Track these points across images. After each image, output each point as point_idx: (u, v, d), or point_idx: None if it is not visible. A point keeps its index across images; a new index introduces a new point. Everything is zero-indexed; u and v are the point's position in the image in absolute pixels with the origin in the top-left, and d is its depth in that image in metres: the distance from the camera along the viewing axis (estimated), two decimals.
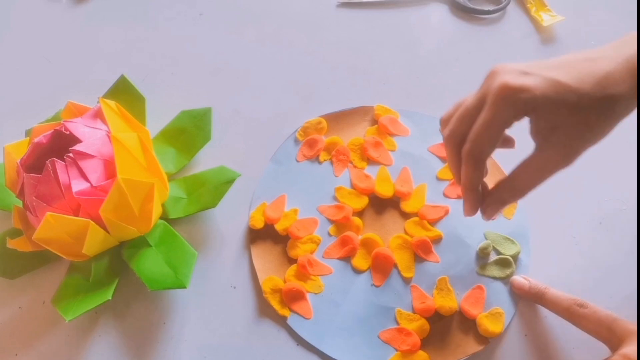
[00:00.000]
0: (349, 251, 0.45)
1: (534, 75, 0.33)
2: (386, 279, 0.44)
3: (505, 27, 0.58)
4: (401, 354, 0.41)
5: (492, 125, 0.34)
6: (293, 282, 0.44)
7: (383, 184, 0.47)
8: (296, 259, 0.45)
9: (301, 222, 0.46)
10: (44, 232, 0.39)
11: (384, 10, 0.60)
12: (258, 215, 0.47)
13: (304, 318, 0.43)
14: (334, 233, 0.46)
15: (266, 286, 0.44)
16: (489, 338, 0.41)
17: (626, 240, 0.45)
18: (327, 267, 0.45)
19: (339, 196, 0.47)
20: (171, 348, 0.42)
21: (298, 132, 0.51)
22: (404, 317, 0.42)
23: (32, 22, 0.61)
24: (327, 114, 0.52)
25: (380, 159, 0.49)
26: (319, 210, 0.47)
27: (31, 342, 0.43)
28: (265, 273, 0.44)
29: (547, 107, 0.32)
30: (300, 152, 0.50)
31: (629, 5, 0.58)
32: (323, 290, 0.44)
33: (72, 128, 0.42)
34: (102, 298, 0.40)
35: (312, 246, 0.45)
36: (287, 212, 0.47)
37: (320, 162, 0.49)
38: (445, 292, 0.43)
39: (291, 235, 0.46)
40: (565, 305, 0.39)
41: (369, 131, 0.51)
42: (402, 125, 0.51)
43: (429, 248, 0.45)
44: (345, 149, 0.49)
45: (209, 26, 0.59)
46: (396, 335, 0.42)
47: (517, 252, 0.44)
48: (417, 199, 0.47)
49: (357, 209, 0.47)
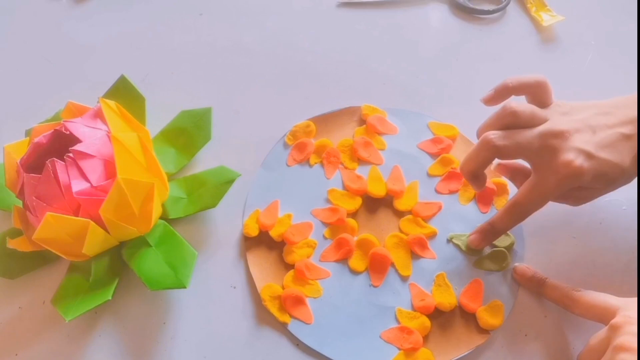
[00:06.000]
0: (345, 253, 0.45)
1: (595, 159, 0.38)
2: (384, 279, 0.44)
3: (505, 27, 0.58)
4: (404, 353, 0.41)
5: (552, 196, 0.39)
6: (292, 288, 0.44)
7: (375, 183, 0.47)
8: (293, 265, 0.45)
9: (296, 227, 0.46)
10: (44, 232, 0.39)
11: (384, 10, 0.60)
12: (252, 223, 0.46)
13: (305, 323, 0.43)
14: (330, 236, 0.46)
15: (265, 294, 0.43)
16: (490, 330, 0.41)
17: (626, 240, 0.45)
18: (325, 271, 0.45)
19: (332, 198, 0.47)
20: (171, 348, 0.42)
21: (287, 136, 0.51)
22: (404, 316, 0.42)
23: (32, 22, 0.60)
24: (314, 116, 0.51)
25: (370, 159, 0.49)
26: (313, 214, 0.47)
27: (31, 342, 0.43)
28: (263, 280, 0.44)
29: (597, 181, 0.39)
30: (290, 156, 0.50)
31: (629, 5, 0.58)
32: (322, 294, 0.44)
33: (72, 128, 0.42)
34: (102, 298, 0.40)
35: (308, 250, 0.45)
36: (281, 218, 0.46)
37: (311, 165, 0.49)
38: (443, 288, 0.43)
39: (287, 241, 0.45)
40: (564, 291, 0.40)
41: (358, 131, 0.51)
42: (390, 124, 0.51)
43: (424, 245, 0.45)
44: (335, 151, 0.49)
45: (209, 26, 0.59)
46: (398, 334, 0.42)
47: (511, 244, 0.44)
48: (409, 197, 0.47)
49: (351, 211, 0.47)
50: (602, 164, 0.38)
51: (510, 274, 0.44)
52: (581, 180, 0.38)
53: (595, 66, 0.55)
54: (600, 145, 0.38)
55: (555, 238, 0.45)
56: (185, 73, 0.56)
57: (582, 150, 0.38)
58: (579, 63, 0.55)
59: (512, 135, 0.39)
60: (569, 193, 0.41)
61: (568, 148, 0.38)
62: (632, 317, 0.35)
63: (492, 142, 0.39)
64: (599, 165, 0.38)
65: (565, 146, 0.38)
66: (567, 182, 0.38)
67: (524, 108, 0.40)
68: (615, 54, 0.55)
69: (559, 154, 0.38)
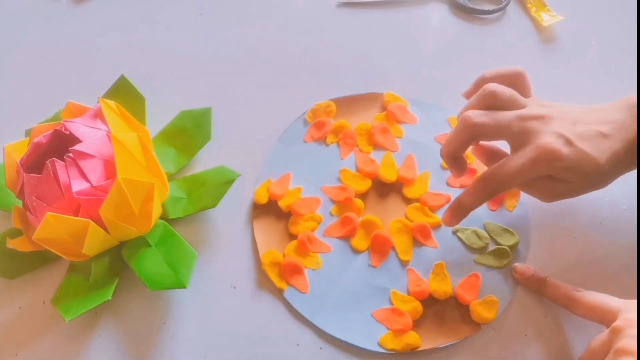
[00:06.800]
0: (349, 231, 0.46)
1: (573, 146, 0.37)
2: (384, 261, 0.45)
3: (505, 27, 0.58)
4: (393, 333, 0.42)
5: (523, 175, 0.38)
6: (292, 257, 0.45)
7: (387, 169, 0.48)
8: (297, 235, 0.45)
9: (304, 200, 0.47)
10: (44, 232, 0.39)
11: (384, 10, 0.60)
12: (263, 191, 0.47)
13: (300, 292, 0.43)
14: (336, 213, 0.47)
15: (266, 259, 0.45)
16: (481, 324, 0.42)
17: (626, 240, 0.45)
18: (327, 245, 0.45)
19: (343, 178, 0.48)
20: (171, 348, 0.42)
21: (307, 113, 0.52)
22: (398, 299, 0.43)
23: (32, 22, 0.60)
24: (336, 97, 0.52)
25: (386, 145, 0.50)
26: (323, 191, 0.48)
27: (31, 342, 0.43)
28: (267, 247, 0.45)
29: (572, 172, 0.38)
30: (308, 133, 0.51)
31: (629, 5, 0.58)
32: (321, 266, 0.45)
33: (72, 128, 0.42)
34: (102, 298, 0.41)
35: (313, 224, 0.46)
36: (291, 190, 0.47)
37: (327, 144, 0.50)
38: (441, 277, 0.43)
39: (293, 213, 0.46)
40: (564, 291, 0.40)
41: (377, 117, 0.51)
42: (410, 114, 0.52)
43: (428, 233, 0.45)
44: (352, 133, 0.50)
45: (209, 26, 0.59)
46: (389, 315, 0.42)
47: (515, 243, 0.44)
48: (420, 186, 0.47)
49: (360, 191, 0.47)
50: (580, 154, 0.37)
51: (510, 272, 0.44)
52: (556, 166, 0.37)
53: (595, 66, 0.55)
54: (579, 136, 0.38)
55: (555, 238, 0.45)
56: (185, 73, 0.56)
57: (562, 135, 0.37)
58: (579, 63, 0.55)
59: (492, 114, 0.39)
60: (539, 183, 0.40)
61: (548, 131, 0.38)
62: (633, 320, 0.35)
63: (470, 119, 0.39)
64: (576, 154, 0.37)
65: (545, 129, 0.38)
66: (542, 163, 0.37)
67: (503, 89, 0.40)
68: (615, 54, 0.55)
69: (538, 136, 0.38)
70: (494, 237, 0.45)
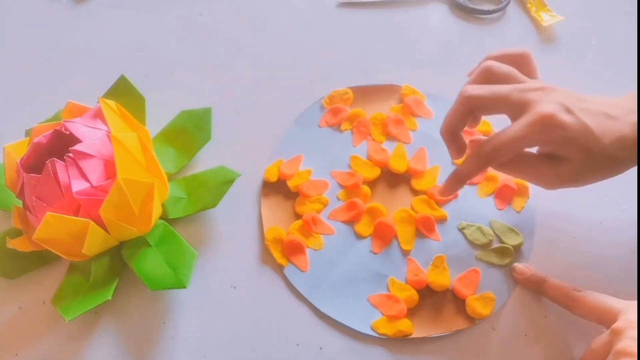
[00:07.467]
0: (353, 216, 0.46)
1: (574, 115, 0.36)
2: (385, 248, 0.45)
3: (505, 27, 0.58)
4: (386, 319, 0.42)
5: (520, 142, 0.36)
6: (295, 235, 0.45)
7: (398, 159, 0.48)
8: (302, 215, 0.46)
9: (313, 182, 0.48)
10: (44, 232, 0.39)
11: (384, 10, 0.60)
12: (273, 170, 0.48)
13: (300, 270, 0.44)
14: (343, 198, 0.47)
15: (269, 235, 0.45)
16: (476, 319, 0.42)
17: (626, 241, 0.45)
18: (330, 228, 0.46)
19: (353, 164, 0.49)
20: (171, 348, 0.42)
21: (324, 99, 0.52)
22: (395, 286, 0.43)
23: (32, 22, 0.60)
24: (354, 86, 0.53)
25: (399, 136, 0.50)
26: (332, 175, 0.48)
27: (31, 342, 0.43)
28: (271, 223, 0.46)
29: (571, 145, 0.36)
30: (324, 118, 0.52)
31: (629, 5, 0.58)
32: (323, 247, 0.45)
33: (72, 128, 0.42)
34: (102, 298, 0.41)
35: (319, 206, 0.47)
36: (301, 172, 0.48)
37: (341, 130, 0.51)
38: (440, 269, 0.44)
39: (301, 193, 0.47)
40: (565, 291, 0.40)
41: (393, 109, 0.52)
42: (426, 108, 0.52)
43: (431, 226, 0.46)
44: (367, 122, 0.51)
45: (209, 26, 0.59)
46: (385, 301, 0.43)
47: (519, 243, 0.44)
48: (428, 179, 0.48)
49: (369, 179, 0.48)
50: (581, 125, 0.36)
51: (510, 272, 0.44)
52: (555, 134, 0.36)
53: (595, 66, 0.55)
54: (582, 110, 0.36)
55: (555, 238, 0.45)
56: (185, 73, 0.56)
57: (563, 104, 0.36)
58: (579, 63, 0.55)
59: (489, 86, 0.38)
60: (539, 163, 0.38)
61: (549, 99, 0.36)
62: (633, 321, 0.35)
63: (466, 92, 0.38)
64: (576, 124, 0.36)
65: (546, 98, 0.36)
66: (541, 131, 0.36)
67: (500, 64, 0.39)
68: (615, 54, 0.55)
69: (538, 104, 0.36)
70: (499, 235, 0.45)
